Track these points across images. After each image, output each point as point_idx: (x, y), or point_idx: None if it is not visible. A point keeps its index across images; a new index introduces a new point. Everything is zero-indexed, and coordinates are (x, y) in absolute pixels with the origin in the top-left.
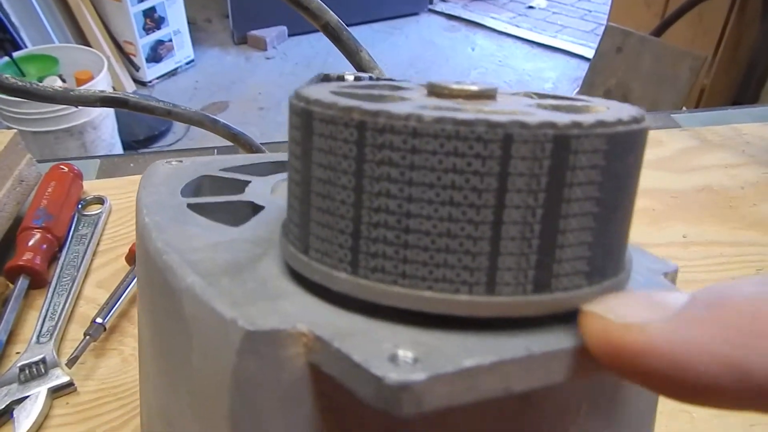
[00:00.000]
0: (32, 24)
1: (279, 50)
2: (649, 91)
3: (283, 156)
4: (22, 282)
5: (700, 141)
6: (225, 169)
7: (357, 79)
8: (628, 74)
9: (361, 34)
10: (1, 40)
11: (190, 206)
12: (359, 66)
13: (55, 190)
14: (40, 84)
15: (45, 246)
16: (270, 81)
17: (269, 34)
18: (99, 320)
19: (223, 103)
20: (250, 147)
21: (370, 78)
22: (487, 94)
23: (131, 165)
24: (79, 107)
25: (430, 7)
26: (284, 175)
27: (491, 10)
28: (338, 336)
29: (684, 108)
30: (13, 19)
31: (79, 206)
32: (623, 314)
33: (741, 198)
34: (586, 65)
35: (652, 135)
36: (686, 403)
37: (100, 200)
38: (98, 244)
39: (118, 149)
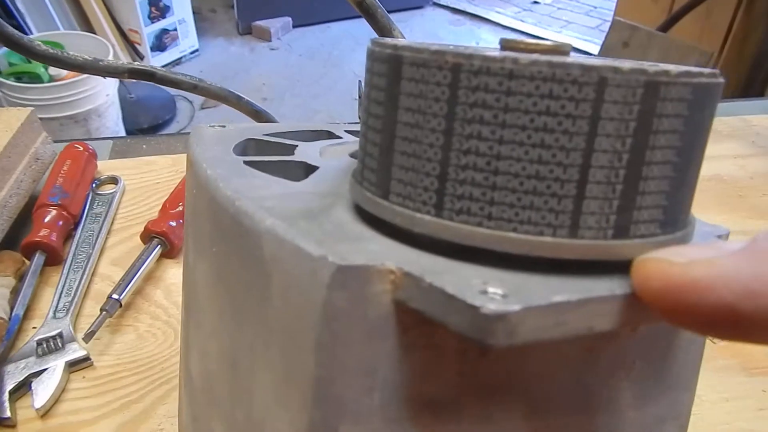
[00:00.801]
0: (38, 10)
1: (284, 41)
2: None
3: (321, 125)
4: (38, 258)
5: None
6: (269, 134)
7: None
8: None
9: (365, 26)
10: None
11: (247, 163)
12: None
13: (71, 169)
14: (70, 53)
15: (61, 223)
16: (274, 72)
17: (274, 24)
18: (115, 296)
19: None
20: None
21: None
22: (561, 50)
23: (143, 147)
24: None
25: (434, 0)
26: (329, 141)
27: (496, 5)
28: (428, 272)
29: None
30: (19, 5)
31: (94, 185)
32: (689, 254)
33: (750, 188)
34: None
35: None
36: (745, 340)
37: (114, 180)
38: (112, 222)
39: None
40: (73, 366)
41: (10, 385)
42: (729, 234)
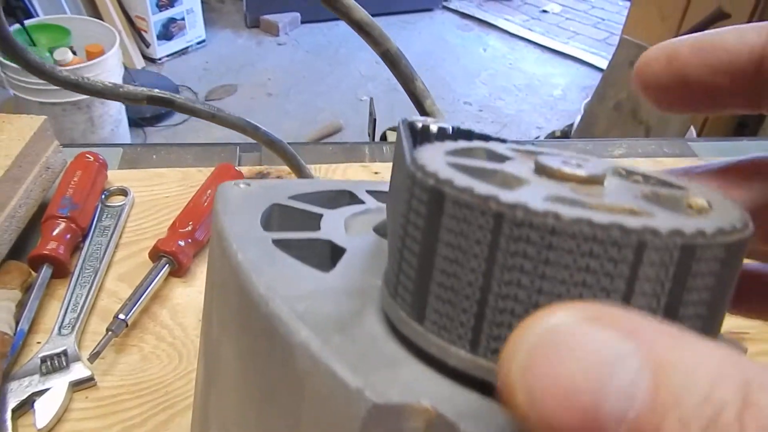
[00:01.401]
0: None
1: (291, 36)
2: None
3: (341, 184)
4: (45, 271)
5: None
6: (293, 198)
7: (441, 131)
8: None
9: None
10: (13, 7)
11: (275, 242)
12: (413, 94)
13: (81, 180)
14: (90, 78)
15: (69, 236)
16: (280, 67)
17: (282, 19)
18: (122, 316)
19: (231, 87)
20: (285, 153)
21: (452, 129)
22: (596, 180)
23: (153, 156)
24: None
25: (444, 3)
26: (352, 209)
27: (505, 12)
28: (463, 417)
29: (692, 127)
30: None
31: (103, 196)
32: None
33: None
34: (595, 74)
35: (667, 162)
36: None
37: (123, 192)
38: (120, 236)
39: (125, 125)
40: (77, 386)
41: (12, 404)
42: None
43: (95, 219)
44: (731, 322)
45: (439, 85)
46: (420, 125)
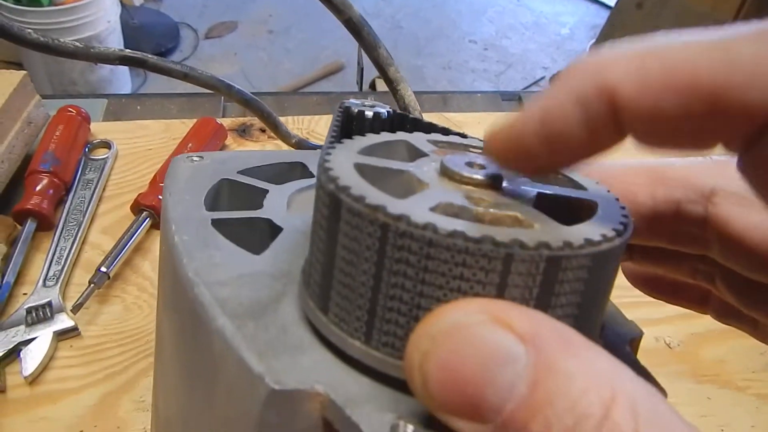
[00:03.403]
0: None
1: None
2: None
3: (296, 155)
4: (30, 225)
5: None
6: (243, 172)
7: (376, 116)
8: (646, 31)
9: None
10: None
11: (214, 223)
12: (376, 61)
13: (63, 134)
14: (61, 40)
15: (52, 191)
16: (282, 3)
17: None
18: (103, 269)
19: (231, 23)
20: (260, 112)
21: (388, 113)
22: (493, 184)
23: (138, 108)
24: (98, 64)
25: None
26: (299, 184)
27: None
28: (350, 403)
29: None
30: None
31: (86, 149)
32: None
33: None
34: (604, 13)
35: None
36: None
37: (106, 145)
38: (104, 189)
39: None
40: (61, 335)
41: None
42: (642, 336)
43: (79, 172)
44: None
45: (445, 23)
46: (356, 111)
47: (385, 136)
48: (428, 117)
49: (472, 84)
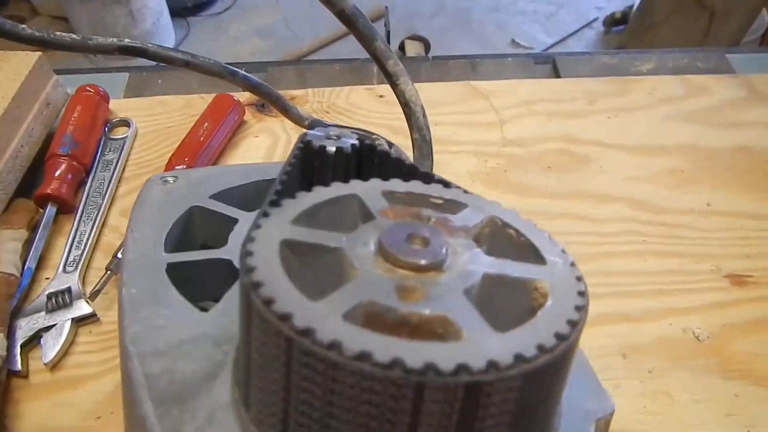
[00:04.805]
0: None
1: None
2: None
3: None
4: (50, 210)
5: (749, 91)
6: (215, 196)
7: (338, 152)
8: None
9: None
10: None
11: (169, 268)
12: (374, 55)
13: (81, 115)
14: (57, 33)
15: (71, 175)
16: None
17: None
18: (120, 255)
19: None
20: (269, 97)
21: (353, 146)
22: (434, 267)
23: (159, 81)
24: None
25: None
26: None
27: None
28: None
29: (765, 11)
30: None
31: (106, 128)
32: None
33: None
34: None
35: (697, 81)
36: None
37: (126, 123)
38: (123, 170)
39: (166, 17)
40: (80, 321)
41: (21, 339)
42: (613, 412)
43: (98, 153)
44: (734, 264)
45: None
46: (317, 146)
47: (334, 190)
48: (455, 86)
49: (520, 27)
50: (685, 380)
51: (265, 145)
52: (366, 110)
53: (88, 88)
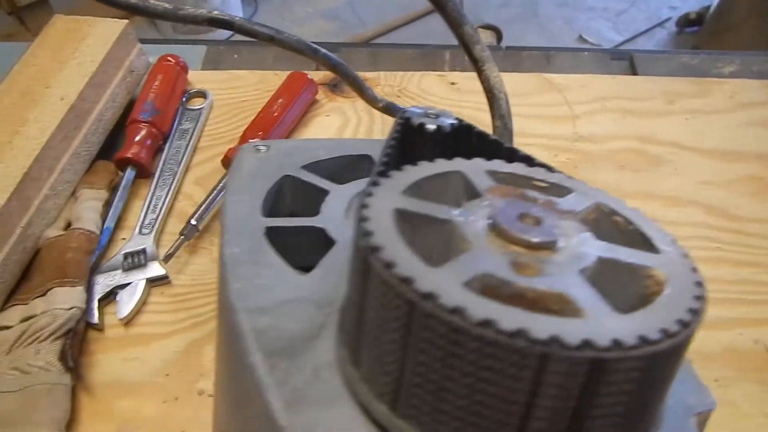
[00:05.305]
0: None
1: None
2: None
3: (364, 146)
4: (129, 173)
5: None
6: (306, 167)
7: (438, 129)
8: None
9: None
10: None
11: (268, 232)
12: (461, 39)
13: (161, 84)
14: (150, 1)
15: (150, 141)
16: None
17: None
18: (193, 222)
19: None
20: (346, 76)
21: (452, 125)
22: (547, 246)
23: (235, 56)
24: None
25: None
26: (360, 185)
27: None
28: None
29: None
30: None
31: (184, 99)
32: None
33: None
34: None
35: None
36: None
37: (202, 94)
38: (198, 140)
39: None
40: (153, 282)
41: (99, 294)
42: (713, 409)
43: (176, 121)
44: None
45: None
46: (417, 123)
47: (439, 166)
48: (528, 78)
49: (588, 23)
50: (752, 392)
51: (335, 125)
52: (437, 96)
53: (168, 58)
